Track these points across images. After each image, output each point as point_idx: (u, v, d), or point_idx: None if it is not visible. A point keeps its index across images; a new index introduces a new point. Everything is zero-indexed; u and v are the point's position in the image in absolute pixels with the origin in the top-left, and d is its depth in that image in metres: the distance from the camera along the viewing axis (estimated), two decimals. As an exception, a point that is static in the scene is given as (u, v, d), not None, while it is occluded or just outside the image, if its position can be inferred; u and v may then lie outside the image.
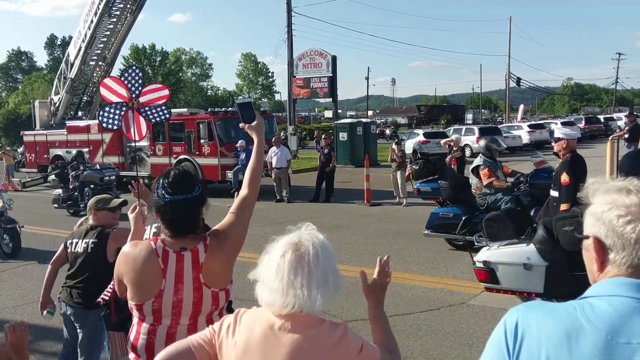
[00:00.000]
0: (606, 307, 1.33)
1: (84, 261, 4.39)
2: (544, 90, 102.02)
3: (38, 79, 67.66)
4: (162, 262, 2.49)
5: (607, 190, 1.42)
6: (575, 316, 1.34)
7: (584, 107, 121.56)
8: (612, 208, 1.38)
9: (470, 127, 33.62)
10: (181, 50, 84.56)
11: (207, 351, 1.91)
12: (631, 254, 1.35)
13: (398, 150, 15.37)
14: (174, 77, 77.12)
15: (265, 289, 1.82)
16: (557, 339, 1.32)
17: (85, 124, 22.67)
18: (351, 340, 1.84)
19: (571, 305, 1.38)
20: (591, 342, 1.28)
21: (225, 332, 1.91)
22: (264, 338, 1.82)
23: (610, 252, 1.38)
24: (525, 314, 1.42)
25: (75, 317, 4.46)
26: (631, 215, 1.35)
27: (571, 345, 1.30)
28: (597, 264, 1.42)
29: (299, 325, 1.81)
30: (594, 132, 39.43)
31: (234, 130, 17.99)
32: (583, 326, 1.31)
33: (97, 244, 4.37)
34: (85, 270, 4.38)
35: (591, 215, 1.43)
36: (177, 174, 2.60)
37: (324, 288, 1.80)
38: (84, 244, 4.40)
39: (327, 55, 31.68)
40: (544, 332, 1.35)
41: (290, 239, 1.86)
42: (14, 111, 53.57)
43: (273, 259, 1.83)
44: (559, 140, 6.82)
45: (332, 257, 1.87)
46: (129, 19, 22.97)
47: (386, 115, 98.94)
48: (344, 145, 27.26)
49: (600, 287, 1.39)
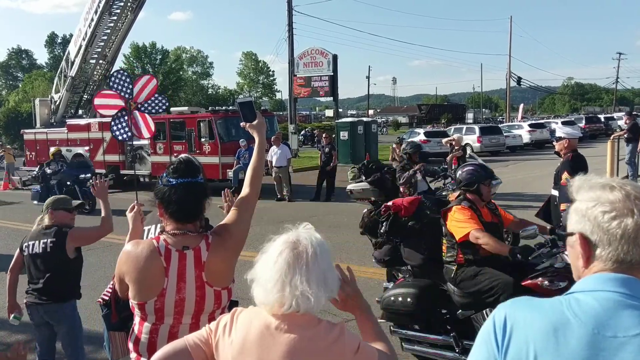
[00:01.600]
0: (592, 301, 1.35)
1: (45, 261, 4.42)
2: (545, 89, 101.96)
3: (38, 77, 67.60)
4: (164, 261, 2.48)
5: (591, 187, 1.44)
6: (562, 311, 1.37)
7: (585, 106, 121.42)
8: (597, 204, 1.40)
9: (471, 127, 33.61)
10: (182, 48, 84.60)
11: (203, 350, 1.91)
12: (617, 249, 1.37)
13: (399, 149, 15.34)
14: (175, 75, 77.08)
15: (261, 288, 1.81)
16: (544, 333, 1.35)
17: (86, 122, 22.64)
18: (348, 340, 1.83)
19: (557, 301, 1.41)
20: (578, 336, 1.31)
21: (222, 331, 1.90)
22: (260, 337, 1.81)
23: (597, 248, 1.41)
24: (513, 309, 1.44)
25: (49, 315, 4.47)
26: (616, 211, 1.37)
27: (558, 340, 1.33)
28: (583, 260, 1.44)
29: (295, 325, 1.80)
30: (595, 131, 39.41)
31: (234, 129, 17.98)
32: (570, 321, 1.34)
33: (56, 242, 4.40)
34: (47, 269, 4.42)
35: (576, 212, 1.45)
36: (181, 161, 2.63)
37: (322, 287, 1.79)
38: (42, 245, 4.42)
39: (328, 54, 31.64)
40: (531, 326, 1.37)
41: (288, 237, 1.85)
42: (15, 109, 53.52)
43: (270, 258, 1.82)
44: (561, 139, 6.83)
45: (329, 257, 1.87)
46: (129, 17, 22.94)
47: (387, 115, 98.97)
48: (345, 144, 27.28)
49: (586, 282, 1.42)
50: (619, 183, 1.42)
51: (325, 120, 70.76)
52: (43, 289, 4.42)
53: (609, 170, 15.68)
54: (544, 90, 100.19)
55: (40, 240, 4.44)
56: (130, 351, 2.62)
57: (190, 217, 2.56)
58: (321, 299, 1.79)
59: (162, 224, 2.64)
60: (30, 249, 4.47)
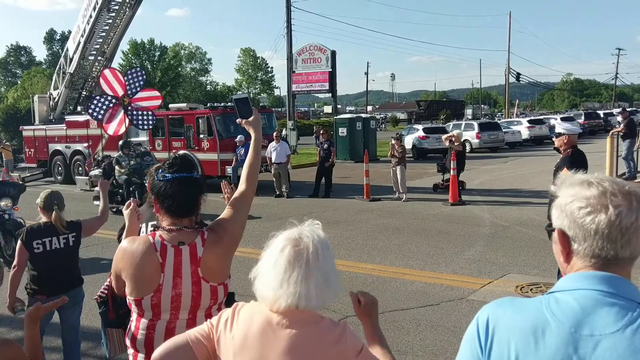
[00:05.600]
0: (570, 300, 1.37)
1: (68, 253, 4.79)
2: (544, 85, 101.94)
3: (37, 73, 67.45)
4: (160, 257, 2.48)
5: (571, 183, 1.46)
6: (541, 311, 1.39)
7: (584, 102, 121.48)
8: (574, 200, 1.42)
9: (470, 123, 33.61)
10: (180, 45, 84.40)
11: (205, 345, 1.90)
12: (592, 245, 1.39)
13: (398, 145, 15.32)
14: (173, 72, 76.92)
15: (262, 284, 1.81)
16: (524, 333, 1.37)
17: (85, 119, 22.57)
18: (350, 339, 1.82)
19: (538, 300, 1.43)
20: (556, 336, 1.34)
21: (223, 326, 1.90)
22: (262, 333, 1.81)
23: (574, 243, 1.43)
24: (495, 310, 1.46)
25: (73, 299, 4.71)
26: (591, 207, 1.39)
27: (537, 340, 1.35)
28: (563, 256, 1.46)
29: (297, 321, 1.80)
30: (594, 127, 39.46)
31: (233, 125, 17.94)
32: (548, 320, 1.36)
33: (77, 236, 4.84)
34: (70, 260, 4.82)
35: (556, 208, 1.47)
36: (177, 157, 2.66)
37: (322, 286, 1.78)
38: (63, 240, 4.74)
39: (326, 50, 31.56)
40: (512, 327, 1.40)
41: (291, 234, 1.84)
42: (13, 106, 53.40)
43: (272, 253, 1.82)
44: (560, 135, 6.83)
45: (331, 256, 1.86)
46: (128, 13, 22.84)
47: (386, 111, 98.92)
48: (344, 140, 27.26)
49: (566, 281, 1.44)
50: (597, 179, 1.43)
51: (324, 116, 70.73)
52: (66, 278, 4.76)
53: (608, 166, 15.70)
54: (543, 86, 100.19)
55: (60, 236, 4.72)
56: (127, 347, 2.62)
57: (186, 211, 2.56)
58: (322, 298, 1.79)
59: (153, 222, 2.64)
60: (48, 246, 4.69)
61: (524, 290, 7.35)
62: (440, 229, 11.34)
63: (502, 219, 12.13)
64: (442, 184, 16.00)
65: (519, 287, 7.46)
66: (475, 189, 16.60)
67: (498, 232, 10.90)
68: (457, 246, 9.81)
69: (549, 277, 7.63)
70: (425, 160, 26.16)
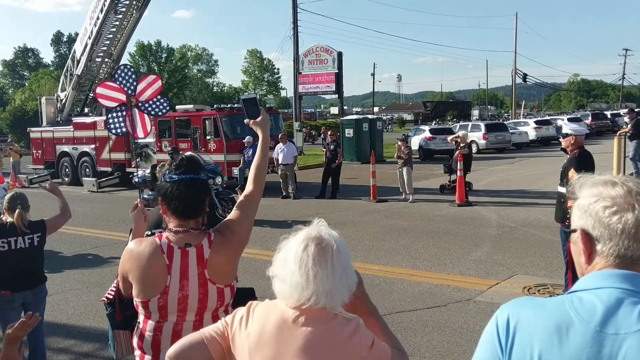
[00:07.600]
0: (594, 299, 1.36)
1: (32, 252, 4.93)
2: (551, 86, 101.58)
3: (44, 75, 67.86)
4: (167, 258, 2.48)
5: (594, 183, 1.45)
6: (565, 310, 1.37)
7: (591, 103, 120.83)
8: (599, 200, 1.41)
9: (477, 124, 33.53)
10: (187, 46, 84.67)
11: (219, 343, 1.91)
12: (618, 244, 1.38)
13: (404, 147, 15.30)
14: (180, 73, 77.21)
15: (285, 283, 1.80)
16: (548, 333, 1.36)
17: (92, 121, 22.69)
18: (363, 335, 1.84)
19: (560, 300, 1.42)
20: (580, 335, 1.32)
21: (238, 324, 1.91)
22: (277, 330, 1.82)
23: (598, 244, 1.41)
24: (516, 309, 1.45)
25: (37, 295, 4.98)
26: (617, 206, 1.38)
27: (561, 339, 1.34)
28: (585, 256, 1.45)
29: (313, 318, 1.81)
30: (601, 128, 39.25)
31: (239, 126, 17.98)
32: (572, 319, 1.35)
33: (42, 235, 4.99)
34: (35, 259, 4.98)
35: (578, 208, 1.46)
36: (184, 158, 2.65)
37: (344, 283, 1.80)
38: (28, 240, 4.89)
39: (332, 51, 31.56)
40: (534, 326, 1.38)
41: (310, 233, 1.84)
42: (21, 108, 53.75)
43: (294, 253, 1.80)
44: (567, 136, 6.81)
45: (348, 252, 1.87)
46: (134, 15, 22.92)
47: (392, 112, 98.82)
48: (350, 141, 27.21)
49: (588, 280, 1.42)
50: (621, 179, 1.43)
51: (331, 117, 70.66)
52: (31, 275, 4.93)
53: (616, 166, 15.62)
54: (549, 86, 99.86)
55: (25, 236, 4.88)
56: (134, 349, 2.62)
57: (192, 212, 2.56)
58: (343, 295, 1.80)
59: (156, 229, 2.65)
60: (14, 245, 4.84)
61: (531, 291, 7.32)
62: (447, 230, 11.31)
63: (509, 220, 12.09)
64: (449, 185, 15.98)
65: (526, 288, 7.43)
66: (482, 189, 16.55)
67: (505, 233, 10.86)
68: (464, 247, 9.79)
69: (556, 278, 7.60)
70: (432, 161, 26.10)
